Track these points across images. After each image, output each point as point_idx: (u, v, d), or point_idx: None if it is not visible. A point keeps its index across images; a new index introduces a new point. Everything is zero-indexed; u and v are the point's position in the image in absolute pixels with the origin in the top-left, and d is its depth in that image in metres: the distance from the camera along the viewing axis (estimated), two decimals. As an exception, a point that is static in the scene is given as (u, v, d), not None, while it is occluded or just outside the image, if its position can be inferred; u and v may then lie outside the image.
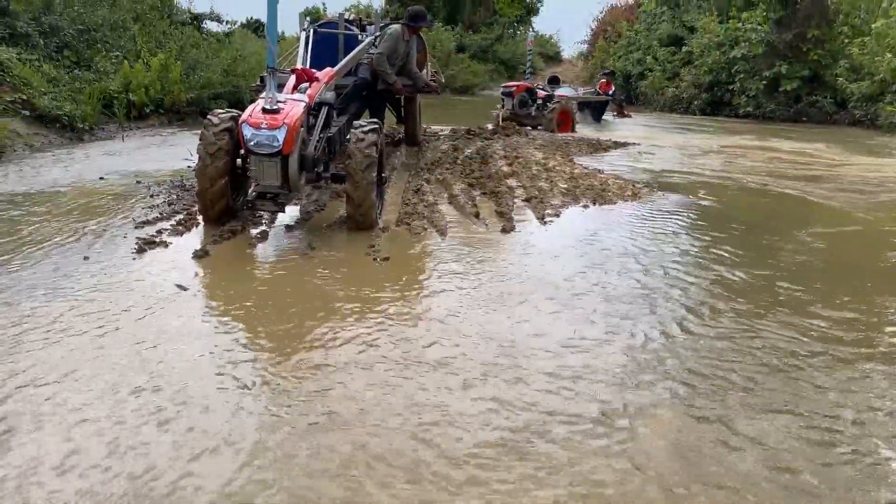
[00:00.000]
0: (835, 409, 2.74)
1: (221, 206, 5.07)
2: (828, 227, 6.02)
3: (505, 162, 8.38)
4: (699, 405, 2.72)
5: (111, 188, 6.67)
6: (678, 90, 22.42)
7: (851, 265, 4.94)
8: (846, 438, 2.53)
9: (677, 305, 3.82)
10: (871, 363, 3.17)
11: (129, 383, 2.76)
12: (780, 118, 18.70)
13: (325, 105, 5.63)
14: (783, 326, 3.54)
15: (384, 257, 4.55)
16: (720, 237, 5.45)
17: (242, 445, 2.36)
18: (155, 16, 15.39)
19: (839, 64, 17.51)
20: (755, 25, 19.70)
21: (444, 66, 26.77)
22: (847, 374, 3.06)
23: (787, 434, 2.54)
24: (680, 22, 25.26)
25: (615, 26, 31.36)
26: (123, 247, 4.63)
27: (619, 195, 6.83)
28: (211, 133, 4.94)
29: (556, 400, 2.73)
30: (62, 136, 9.90)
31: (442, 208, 6.06)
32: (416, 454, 2.34)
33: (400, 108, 9.82)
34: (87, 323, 3.35)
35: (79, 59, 12.25)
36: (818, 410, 2.72)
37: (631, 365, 3.05)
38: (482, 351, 3.15)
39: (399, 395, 2.74)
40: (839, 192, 7.64)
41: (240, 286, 4.06)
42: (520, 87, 13.75)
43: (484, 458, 2.32)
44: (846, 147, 12.52)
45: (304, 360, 3.03)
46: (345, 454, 2.32)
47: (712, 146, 12.34)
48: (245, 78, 14.42)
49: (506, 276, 4.26)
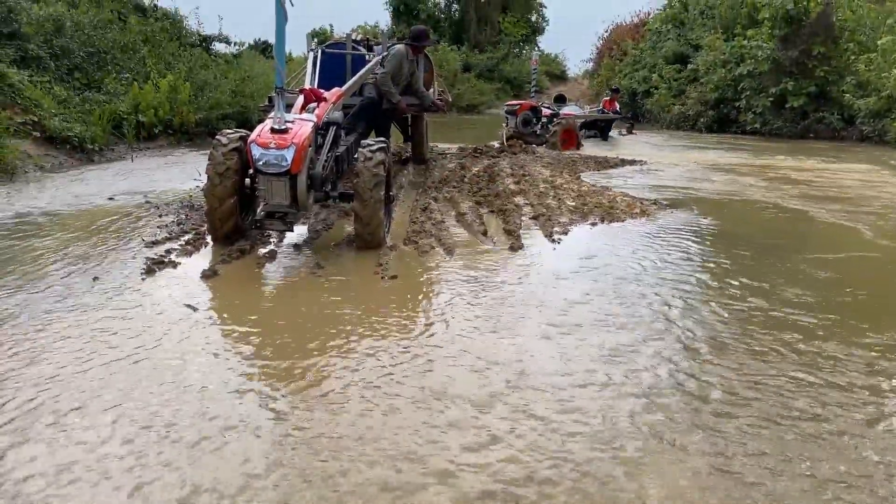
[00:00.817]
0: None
1: (230, 225, 5.08)
2: (840, 252, 5.97)
3: (512, 180, 8.40)
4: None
5: (120, 208, 6.70)
6: (684, 107, 22.44)
7: (863, 292, 4.90)
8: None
9: (687, 340, 3.58)
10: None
11: (134, 403, 2.75)
12: (787, 135, 18.67)
13: (332, 124, 5.66)
14: (799, 367, 3.21)
15: (392, 276, 4.54)
16: (729, 258, 5.41)
17: (248, 469, 2.34)
18: (165, 38, 15.56)
19: (845, 80, 17.49)
20: (760, 43, 19.73)
21: (450, 86, 26.95)
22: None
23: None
24: (685, 40, 25.34)
25: (620, 45, 31.47)
26: (132, 267, 4.64)
27: (628, 212, 6.81)
28: (220, 153, 4.96)
29: (550, 442, 2.53)
30: (72, 157, 9.98)
31: (450, 226, 6.06)
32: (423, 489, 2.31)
33: (407, 126, 9.88)
34: (95, 343, 3.34)
35: (89, 81, 12.39)
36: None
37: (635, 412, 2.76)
38: (486, 381, 3.05)
39: (397, 425, 2.70)
40: (853, 212, 7.60)
41: (248, 306, 4.06)
42: (523, 105, 13.82)
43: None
44: (857, 161, 12.50)
45: (312, 384, 3.00)
46: (348, 483, 2.30)
47: (719, 163, 12.33)
48: (253, 98, 14.55)
49: (514, 300, 4.20)
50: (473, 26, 42.52)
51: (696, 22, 25.64)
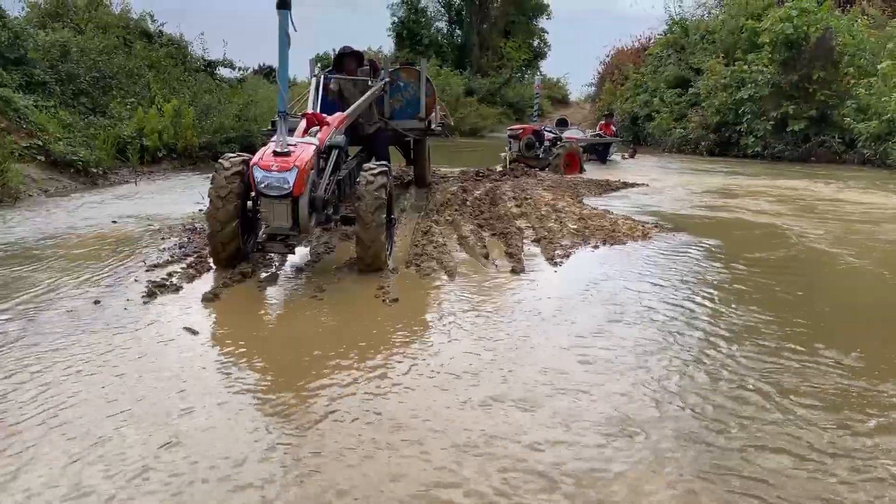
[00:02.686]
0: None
1: (232, 249, 5.09)
2: (841, 276, 5.96)
3: (514, 203, 8.42)
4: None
5: (123, 232, 6.72)
6: (686, 131, 22.53)
7: (860, 309, 4.89)
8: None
9: (690, 373, 3.47)
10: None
11: (133, 426, 2.73)
12: (788, 158, 18.72)
13: (335, 148, 5.69)
14: (812, 410, 3.01)
15: (393, 299, 4.53)
16: (732, 282, 5.39)
17: (252, 499, 2.32)
18: (169, 63, 15.74)
19: (846, 104, 17.58)
20: (761, 67, 19.86)
21: (453, 110, 27.10)
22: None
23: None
24: (686, 64, 25.51)
25: (622, 69, 31.71)
26: (134, 290, 4.64)
27: (629, 235, 6.81)
28: (222, 177, 4.99)
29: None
30: (76, 181, 10.03)
31: (451, 249, 6.06)
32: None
33: (410, 150, 9.93)
34: (95, 366, 3.33)
35: (94, 106, 12.51)
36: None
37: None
38: (478, 419, 2.98)
39: (396, 464, 2.68)
40: (845, 230, 7.59)
41: (249, 330, 4.05)
42: (526, 129, 13.89)
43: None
44: (856, 184, 12.51)
45: (313, 409, 2.99)
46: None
47: (720, 186, 12.35)
48: (257, 122, 14.67)
49: (515, 325, 4.20)
50: (476, 51, 42.94)
51: (696, 46, 25.83)
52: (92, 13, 15.60)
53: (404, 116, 8.94)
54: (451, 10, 44.91)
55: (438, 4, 44.74)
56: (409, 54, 36.82)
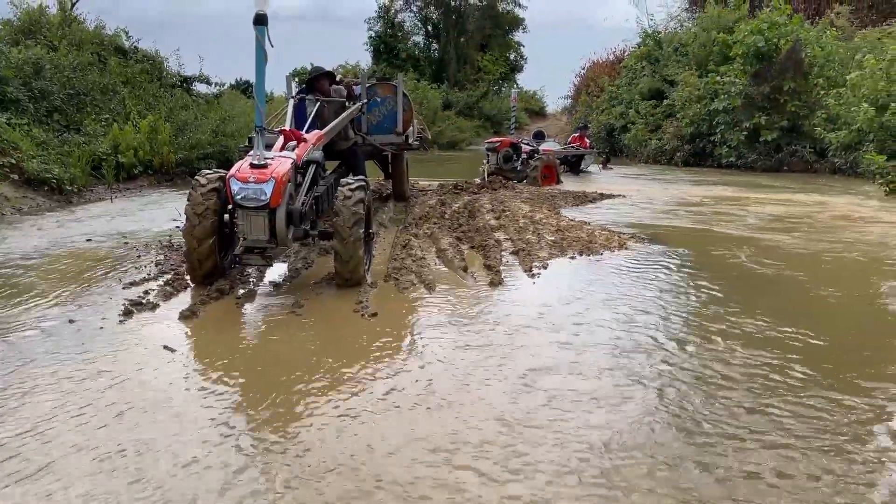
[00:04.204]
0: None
1: (209, 265, 5.07)
2: (819, 283, 6.06)
3: (492, 215, 8.46)
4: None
5: (98, 250, 6.66)
6: (661, 142, 22.79)
7: (838, 313, 4.97)
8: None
9: (664, 384, 3.52)
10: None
11: (109, 449, 2.71)
12: (761, 168, 19.00)
13: (312, 163, 5.70)
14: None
15: (372, 313, 4.53)
16: (708, 290, 5.46)
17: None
18: (145, 79, 15.63)
19: (816, 114, 17.89)
20: (733, 79, 20.19)
21: (430, 123, 27.20)
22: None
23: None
24: (660, 76, 25.85)
25: (597, 81, 32.04)
26: (110, 308, 4.60)
27: (606, 246, 6.88)
28: (199, 193, 4.97)
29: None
30: (50, 199, 9.92)
31: (430, 262, 6.08)
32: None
33: (388, 164, 9.95)
34: (70, 388, 3.30)
35: (68, 123, 12.39)
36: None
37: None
38: (459, 430, 3.03)
39: (374, 473, 2.68)
40: (818, 241, 7.72)
41: (227, 347, 4.03)
42: (504, 142, 13.98)
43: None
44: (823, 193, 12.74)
45: (290, 426, 2.99)
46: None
47: (695, 197, 12.50)
48: (234, 138, 14.60)
49: (492, 337, 4.21)
50: (453, 65, 43.18)
51: (670, 59, 26.18)
52: (65, 30, 15.48)
53: (382, 131, 8.97)
54: (428, 25, 45.19)
55: (415, 19, 45.04)
56: (386, 68, 36.92)
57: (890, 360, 3.85)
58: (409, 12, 44.70)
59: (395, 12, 44.02)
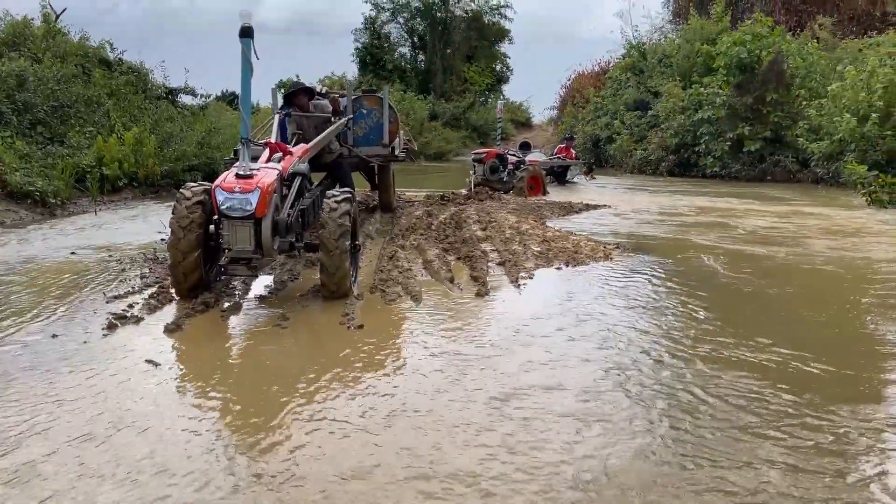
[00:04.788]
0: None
1: (194, 279, 5.04)
2: (800, 292, 6.11)
3: (479, 226, 8.48)
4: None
5: (82, 263, 6.61)
6: (646, 152, 22.96)
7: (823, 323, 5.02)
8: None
9: (649, 397, 3.54)
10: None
11: (91, 465, 2.68)
12: (745, 178, 19.19)
13: (298, 175, 5.70)
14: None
15: (358, 325, 4.53)
16: (691, 303, 5.50)
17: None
18: (130, 91, 15.56)
19: (798, 125, 18.12)
20: (716, 90, 20.41)
21: (417, 134, 27.29)
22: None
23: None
24: (645, 87, 26.07)
25: (582, 92, 32.26)
26: (94, 322, 4.56)
27: (592, 256, 6.91)
28: (184, 206, 4.96)
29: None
30: (34, 213, 9.85)
31: (417, 274, 6.08)
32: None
33: (374, 175, 9.96)
34: (51, 403, 3.27)
35: (52, 135, 12.31)
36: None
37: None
38: (442, 443, 3.00)
39: (358, 490, 2.67)
40: (804, 248, 7.80)
41: (212, 361, 4.01)
42: (490, 153, 14.02)
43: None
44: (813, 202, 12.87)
45: (276, 439, 2.97)
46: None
47: (680, 207, 12.59)
48: (219, 150, 14.56)
49: (479, 348, 4.23)
50: (439, 76, 43.37)
51: (654, 70, 26.44)
52: (49, 42, 15.40)
53: (368, 143, 8.98)
54: (415, 36, 45.40)
55: (401, 30, 45.23)
56: (372, 79, 36.98)
57: (872, 380, 3.89)
58: (395, 24, 44.95)
59: (381, 24, 44.25)
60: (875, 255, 7.37)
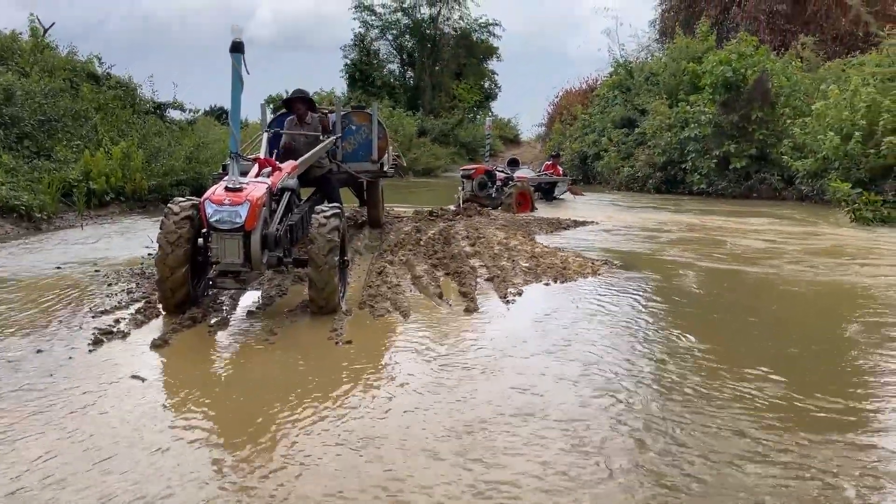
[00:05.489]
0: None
1: (182, 294, 5.02)
2: (784, 308, 6.16)
3: (467, 242, 8.49)
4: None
5: (68, 278, 6.55)
6: (633, 169, 23.13)
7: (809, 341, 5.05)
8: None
9: (638, 418, 3.62)
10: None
11: (76, 483, 2.65)
12: (731, 195, 19.37)
13: (287, 191, 5.70)
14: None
15: (346, 341, 4.51)
16: (678, 320, 5.53)
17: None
18: (118, 105, 15.53)
19: (783, 143, 18.33)
20: (703, 108, 20.63)
21: (406, 150, 27.37)
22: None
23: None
24: (632, 105, 26.32)
25: (570, 109, 32.52)
26: (79, 337, 4.52)
27: (580, 272, 6.93)
28: (171, 221, 4.94)
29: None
30: (19, 227, 9.77)
31: (405, 289, 6.07)
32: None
33: (363, 191, 9.96)
34: (35, 419, 3.23)
35: (39, 149, 12.24)
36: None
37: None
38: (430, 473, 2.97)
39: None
40: (790, 267, 7.86)
41: (199, 377, 3.98)
42: (479, 169, 14.09)
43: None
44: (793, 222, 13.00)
45: (263, 456, 2.95)
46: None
47: (667, 224, 12.68)
48: (208, 164, 14.53)
49: (466, 365, 4.22)
50: (428, 93, 43.56)
51: (641, 88, 26.71)
52: (37, 56, 15.37)
53: (357, 159, 9.00)
54: (403, 53, 45.63)
55: (391, 47, 45.47)
56: (361, 96, 37.12)
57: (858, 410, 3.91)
58: (384, 41, 45.18)
59: (370, 41, 44.44)
60: (866, 276, 7.45)
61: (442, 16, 44.25)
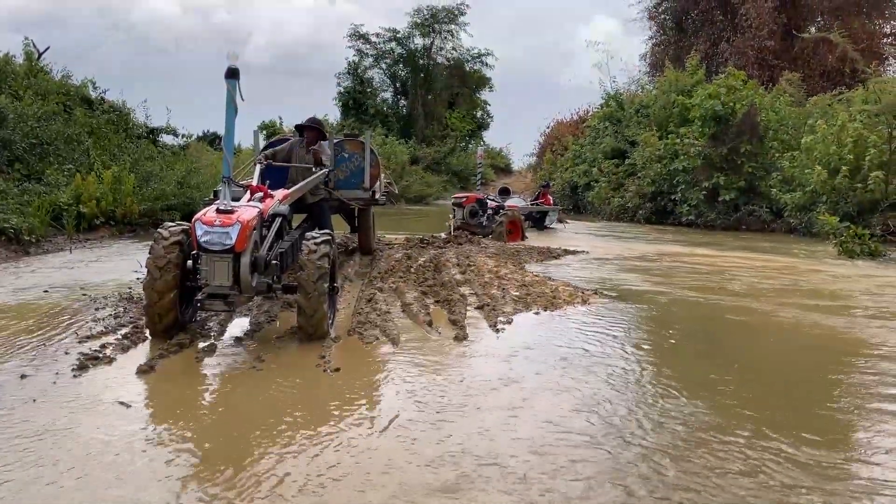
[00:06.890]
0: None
1: (170, 319, 4.98)
2: (774, 343, 6.18)
3: (458, 270, 8.50)
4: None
5: (55, 302, 6.49)
6: (623, 200, 23.31)
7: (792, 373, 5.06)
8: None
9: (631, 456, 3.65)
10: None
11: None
12: (720, 226, 19.52)
13: (278, 216, 5.70)
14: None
15: (335, 368, 4.49)
16: (667, 351, 5.53)
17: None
18: (110, 130, 15.58)
19: (772, 176, 18.54)
20: (692, 140, 20.87)
21: (398, 178, 27.48)
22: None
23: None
24: (622, 136, 26.61)
25: (561, 140, 32.84)
26: (65, 363, 4.47)
27: (570, 302, 6.94)
28: (160, 246, 4.92)
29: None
30: (7, 250, 9.69)
31: (395, 317, 6.05)
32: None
33: (354, 218, 9.98)
34: (18, 446, 3.18)
35: (30, 172, 12.24)
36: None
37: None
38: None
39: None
40: (774, 304, 7.90)
41: (185, 403, 3.94)
42: (470, 197, 14.15)
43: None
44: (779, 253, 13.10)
45: (248, 485, 2.91)
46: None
47: (656, 254, 12.74)
48: (199, 189, 14.55)
49: (456, 395, 4.19)
50: (421, 121, 43.95)
51: (631, 120, 27.03)
52: (31, 80, 15.43)
53: (349, 186, 9.03)
54: (397, 82, 46.10)
55: (384, 75, 45.93)
56: (354, 123, 37.38)
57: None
58: (378, 69, 45.64)
59: (364, 69, 44.88)
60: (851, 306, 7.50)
61: (435, 46, 44.86)
